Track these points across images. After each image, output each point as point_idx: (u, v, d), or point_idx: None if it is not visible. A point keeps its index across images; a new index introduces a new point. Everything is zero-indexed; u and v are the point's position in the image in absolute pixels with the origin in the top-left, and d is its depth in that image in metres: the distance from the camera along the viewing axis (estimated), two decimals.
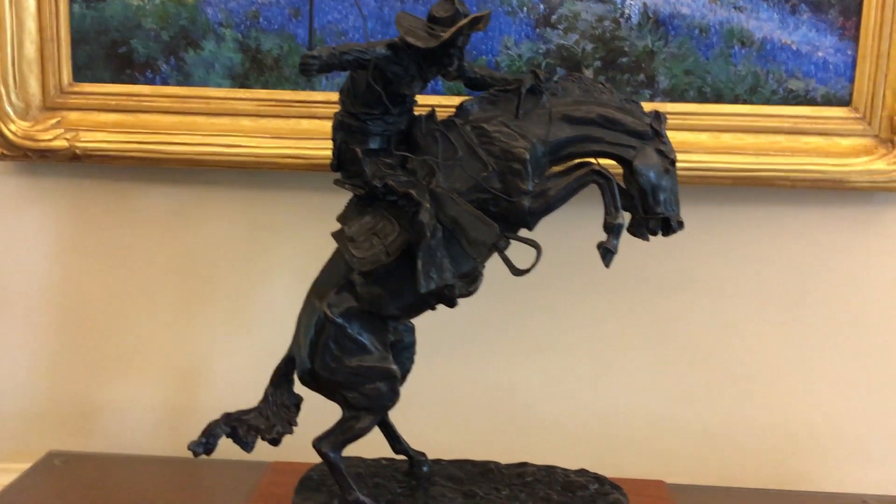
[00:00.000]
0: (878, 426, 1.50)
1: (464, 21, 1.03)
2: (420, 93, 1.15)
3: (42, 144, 1.45)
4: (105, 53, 1.46)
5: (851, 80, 1.41)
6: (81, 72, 1.47)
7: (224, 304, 1.55)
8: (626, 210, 1.11)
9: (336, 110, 1.14)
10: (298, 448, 1.26)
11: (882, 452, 1.50)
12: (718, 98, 1.42)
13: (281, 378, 1.22)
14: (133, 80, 1.46)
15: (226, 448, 1.27)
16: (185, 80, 1.46)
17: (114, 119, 1.47)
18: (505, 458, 1.34)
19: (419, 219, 1.05)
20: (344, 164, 1.13)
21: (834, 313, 1.48)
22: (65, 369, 1.57)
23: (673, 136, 1.36)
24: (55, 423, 1.57)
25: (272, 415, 1.20)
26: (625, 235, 1.12)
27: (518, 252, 1.11)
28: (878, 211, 1.44)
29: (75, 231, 1.53)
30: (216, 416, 1.25)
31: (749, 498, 1.44)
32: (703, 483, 1.46)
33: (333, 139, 1.13)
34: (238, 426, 1.20)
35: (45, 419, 1.57)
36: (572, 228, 1.24)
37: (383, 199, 1.10)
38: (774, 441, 1.52)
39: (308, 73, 1.03)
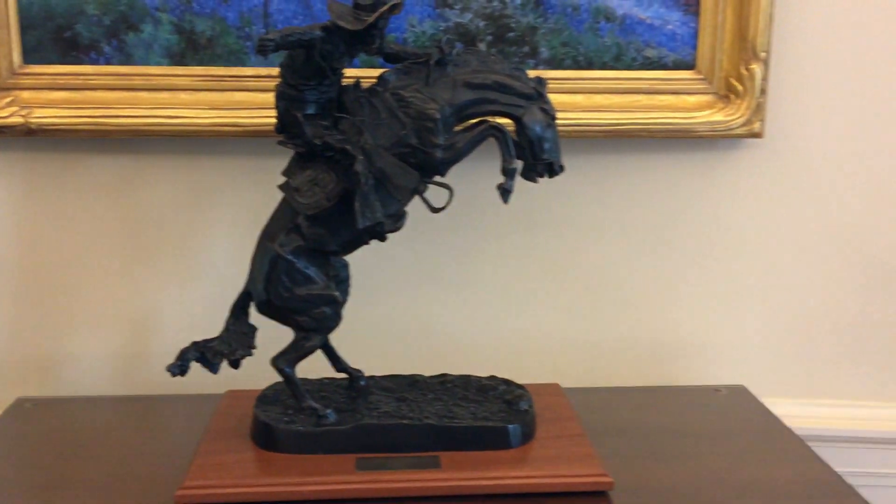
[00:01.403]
0: (728, 334, 1.72)
1: (384, 7, 1.20)
2: (349, 66, 1.30)
3: None
4: (52, 37, 1.53)
5: (695, 48, 1.59)
6: (31, 54, 1.53)
7: (170, 259, 1.65)
8: (519, 158, 1.29)
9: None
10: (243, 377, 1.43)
11: (728, 352, 1.73)
12: (590, 65, 1.60)
13: (238, 311, 1.37)
14: (79, 61, 1.54)
15: (177, 382, 1.39)
16: (127, 60, 1.54)
17: (63, 96, 1.54)
18: (428, 373, 1.49)
19: (355, 168, 1.22)
20: (286, 127, 1.28)
21: (687, 241, 1.68)
22: (27, 325, 1.65)
23: (554, 98, 1.52)
24: (21, 374, 1.66)
25: (233, 341, 1.36)
26: (523, 186, 1.30)
27: (435, 195, 1.30)
28: (720, 155, 1.65)
29: (30, 199, 1.61)
30: (166, 359, 1.35)
31: (628, 394, 1.65)
32: (592, 385, 1.68)
33: (277, 107, 1.28)
34: (206, 351, 1.35)
35: (11, 371, 1.66)
36: (480, 178, 1.38)
37: (322, 156, 1.26)
38: (648, 348, 1.72)
39: (264, 52, 1.17)
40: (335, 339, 1.44)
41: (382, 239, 1.31)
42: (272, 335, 1.38)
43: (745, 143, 1.66)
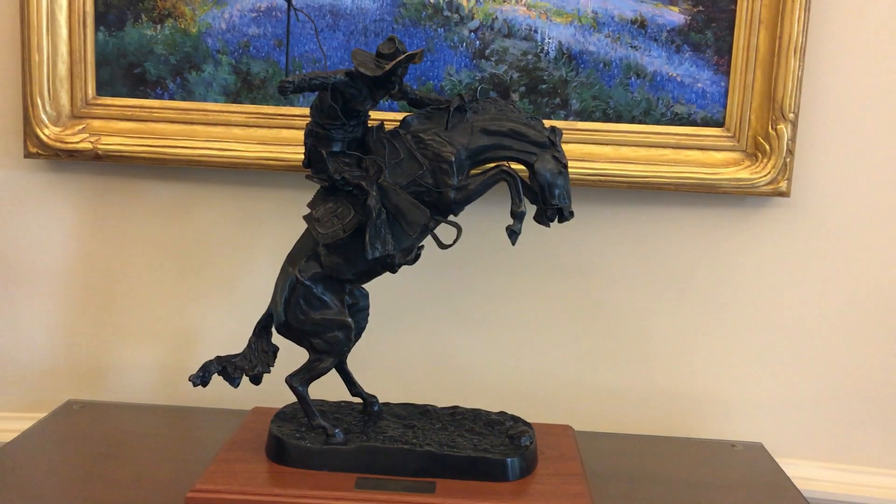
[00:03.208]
0: (749, 390, 1.73)
1: (401, 57, 1.30)
2: (374, 109, 1.40)
3: (70, 146, 1.68)
4: (123, 73, 1.69)
5: (724, 106, 1.64)
6: (103, 87, 1.69)
7: (215, 279, 1.76)
8: (533, 203, 1.36)
9: (307, 121, 1.38)
10: (274, 396, 1.52)
11: (747, 408, 1.73)
12: (619, 118, 1.66)
13: (261, 330, 1.47)
14: (145, 95, 1.69)
15: (213, 396, 1.53)
16: (188, 96, 1.69)
17: (129, 126, 1.69)
18: (443, 404, 1.54)
19: (368, 203, 1.31)
20: (313, 162, 1.38)
21: (710, 295, 1.70)
22: (82, 332, 1.78)
23: (582, 148, 1.65)
24: (72, 377, 1.79)
25: (254, 358, 1.45)
26: (548, 232, 1.36)
27: (447, 233, 1.37)
28: (745, 211, 1.68)
29: (94, 218, 1.75)
30: None
31: (641, 442, 1.67)
32: (606, 431, 1.69)
33: (305, 143, 1.39)
34: (227, 366, 1.44)
35: (64, 375, 1.79)
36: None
37: (342, 190, 1.35)
38: (663, 398, 1.73)
39: (284, 93, 1.29)
40: (355, 364, 1.53)
41: (393, 271, 1.39)
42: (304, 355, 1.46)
43: (772, 201, 1.68)
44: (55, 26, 1.67)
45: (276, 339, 1.48)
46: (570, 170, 1.37)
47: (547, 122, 1.40)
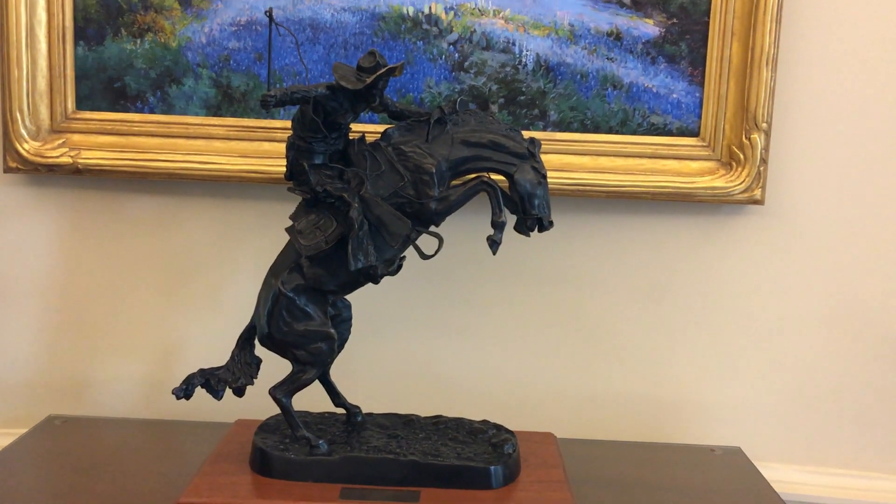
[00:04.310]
0: (727, 395, 1.75)
1: (382, 70, 1.31)
2: (355, 122, 1.41)
3: (50, 160, 1.67)
4: (103, 87, 1.69)
5: (699, 116, 1.67)
6: (83, 102, 1.69)
7: (197, 293, 1.76)
8: (513, 213, 1.37)
9: (289, 134, 1.40)
10: (258, 408, 1.53)
11: (725, 413, 1.75)
12: (596, 129, 1.68)
13: (244, 342, 1.47)
14: (126, 109, 1.69)
15: (197, 409, 1.54)
16: (169, 110, 1.69)
17: (109, 140, 1.69)
18: (426, 414, 1.55)
19: (350, 215, 1.32)
20: (295, 174, 1.39)
21: (688, 302, 1.73)
22: (63, 347, 1.77)
23: (560, 158, 1.67)
24: (54, 392, 1.78)
25: (237, 370, 1.45)
26: (527, 241, 1.38)
27: (429, 244, 1.39)
28: (721, 220, 1.71)
29: (75, 232, 1.75)
30: None
31: (622, 448, 1.68)
32: (587, 437, 1.71)
33: (287, 156, 1.40)
34: (210, 378, 1.45)
35: (45, 389, 1.78)
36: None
37: (325, 202, 1.36)
38: (643, 404, 1.75)
39: (266, 107, 1.30)
40: (338, 375, 1.53)
41: (376, 281, 1.41)
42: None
43: (747, 209, 1.71)
44: (34, 41, 1.67)
45: (260, 350, 1.49)
46: (549, 180, 1.39)
47: (526, 133, 1.42)
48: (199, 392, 1.48)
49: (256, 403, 1.51)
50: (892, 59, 1.67)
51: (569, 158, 1.68)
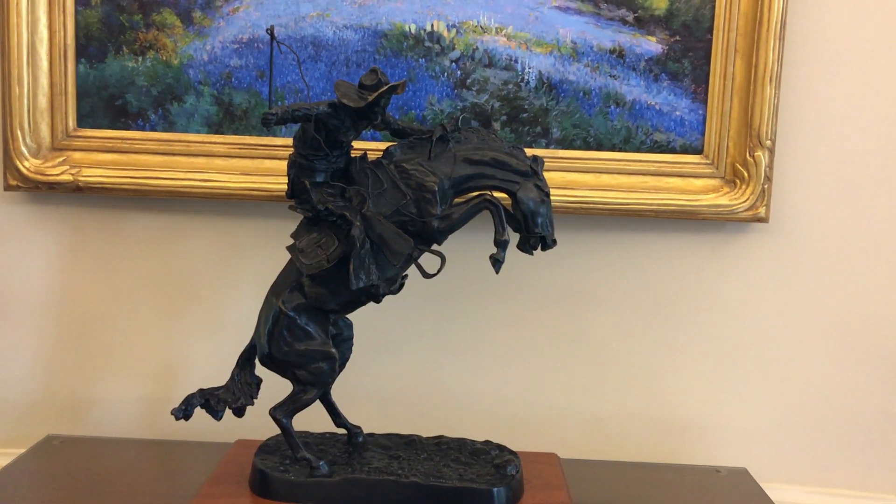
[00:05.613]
0: (733, 415, 1.73)
1: (383, 88, 1.30)
2: (357, 139, 1.40)
3: (51, 178, 1.67)
4: (104, 105, 1.68)
5: (703, 133, 1.66)
6: (84, 119, 1.69)
7: (198, 311, 1.75)
8: (516, 231, 1.37)
9: (290, 152, 1.39)
10: (258, 428, 1.52)
11: (731, 433, 1.73)
12: (599, 146, 1.67)
13: (245, 362, 1.46)
14: (127, 127, 1.69)
15: (197, 429, 1.53)
16: (170, 128, 1.69)
17: (110, 158, 1.69)
18: (428, 434, 1.54)
19: (352, 233, 1.31)
20: (296, 193, 1.38)
21: (692, 321, 1.71)
22: (62, 365, 1.76)
23: (563, 176, 1.66)
24: (53, 411, 1.76)
25: (237, 390, 1.44)
26: (532, 260, 1.37)
27: (431, 263, 1.38)
28: (725, 237, 1.70)
29: (75, 250, 1.74)
30: None
31: (626, 469, 1.66)
32: (592, 458, 1.69)
33: (288, 174, 1.39)
34: (210, 399, 1.44)
35: (44, 409, 1.76)
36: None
37: (326, 220, 1.35)
38: (647, 424, 1.73)
39: (267, 125, 1.29)
40: (339, 395, 1.52)
41: (378, 300, 1.39)
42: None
43: (751, 227, 1.69)
44: (36, 59, 1.67)
45: (260, 370, 1.47)
46: (552, 198, 1.38)
47: (528, 151, 1.41)
48: (199, 412, 1.47)
49: (256, 424, 1.50)
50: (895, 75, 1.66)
51: (572, 176, 1.68)
